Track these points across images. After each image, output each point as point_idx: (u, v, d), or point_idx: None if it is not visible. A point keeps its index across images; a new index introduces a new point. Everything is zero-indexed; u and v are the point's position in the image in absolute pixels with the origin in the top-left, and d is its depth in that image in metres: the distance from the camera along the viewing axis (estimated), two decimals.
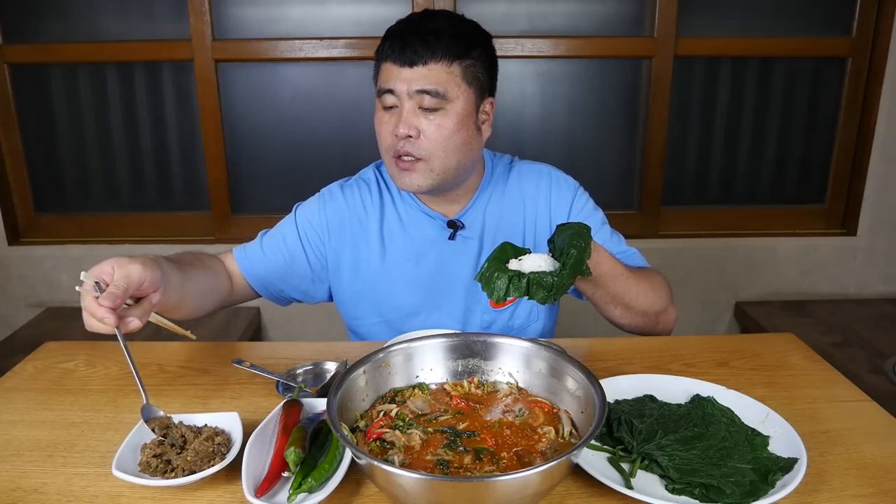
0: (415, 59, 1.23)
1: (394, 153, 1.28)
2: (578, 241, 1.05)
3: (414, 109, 1.25)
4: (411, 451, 0.87)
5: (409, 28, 1.26)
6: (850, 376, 1.21)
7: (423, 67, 1.23)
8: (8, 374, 1.23)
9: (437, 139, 1.26)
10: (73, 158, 2.63)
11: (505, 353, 1.03)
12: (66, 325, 2.46)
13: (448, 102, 1.25)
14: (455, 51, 1.24)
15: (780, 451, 0.94)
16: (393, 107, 1.27)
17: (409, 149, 1.26)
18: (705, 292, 2.69)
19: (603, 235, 1.41)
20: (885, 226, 2.63)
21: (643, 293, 1.29)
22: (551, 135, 2.60)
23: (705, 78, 2.57)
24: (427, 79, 1.23)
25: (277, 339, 2.69)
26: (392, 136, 1.27)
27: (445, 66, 1.24)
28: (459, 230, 1.39)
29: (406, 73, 1.23)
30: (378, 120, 1.30)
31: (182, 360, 1.27)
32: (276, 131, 2.59)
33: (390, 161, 1.30)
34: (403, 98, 1.25)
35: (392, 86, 1.25)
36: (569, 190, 1.43)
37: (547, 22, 2.46)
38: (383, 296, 1.41)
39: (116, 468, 0.88)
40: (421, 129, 1.25)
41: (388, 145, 1.29)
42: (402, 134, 1.25)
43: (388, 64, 1.25)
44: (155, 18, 2.48)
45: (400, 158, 1.28)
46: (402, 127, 1.24)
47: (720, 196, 2.71)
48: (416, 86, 1.23)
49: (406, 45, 1.23)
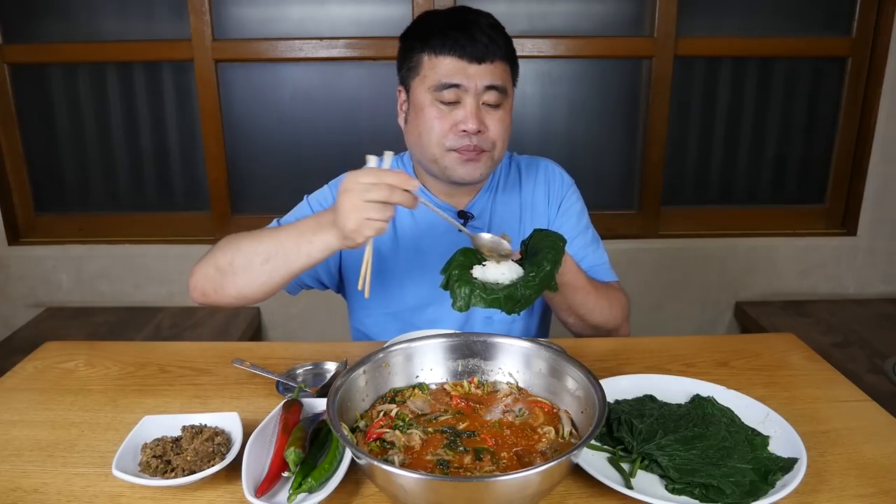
0: (484, 55, 1.23)
1: (457, 146, 1.27)
2: (553, 254, 1.05)
3: (479, 104, 1.26)
4: (411, 451, 0.87)
5: (466, 23, 1.25)
6: (850, 376, 1.21)
7: (491, 64, 1.25)
8: (8, 374, 1.23)
9: (500, 133, 1.29)
10: (73, 158, 2.63)
11: (505, 353, 1.03)
12: (66, 325, 2.46)
13: (506, 98, 1.28)
14: (509, 50, 1.29)
15: (780, 451, 0.94)
16: (451, 102, 1.26)
17: (477, 142, 1.27)
18: (705, 292, 2.69)
19: (584, 239, 1.44)
20: (885, 226, 2.63)
21: (599, 309, 1.34)
22: (551, 135, 2.60)
23: (705, 78, 2.57)
24: (494, 75, 1.25)
25: (277, 339, 2.69)
26: (454, 132, 1.26)
27: (504, 64, 1.28)
28: (470, 220, 1.40)
29: (475, 68, 1.24)
30: (434, 115, 1.27)
31: (182, 360, 1.27)
32: (276, 131, 2.59)
33: (444, 154, 1.29)
34: (470, 93, 1.25)
35: (459, 81, 1.24)
36: (563, 186, 1.46)
37: (547, 22, 2.46)
38: (392, 286, 1.41)
39: (116, 468, 0.88)
40: (486, 123, 1.27)
41: (446, 140, 1.27)
42: (472, 129, 1.25)
43: (450, 58, 1.24)
44: (155, 18, 2.48)
45: (461, 150, 1.27)
46: (473, 122, 1.24)
47: (720, 196, 2.71)
48: (485, 81, 1.24)
49: (475, 40, 1.23)
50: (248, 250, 1.17)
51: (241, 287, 1.19)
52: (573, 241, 1.43)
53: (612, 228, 2.64)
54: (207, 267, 1.22)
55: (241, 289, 1.20)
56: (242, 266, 1.18)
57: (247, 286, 1.19)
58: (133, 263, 2.62)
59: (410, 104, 1.32)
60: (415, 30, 1.31)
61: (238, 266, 1.18)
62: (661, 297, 2.67)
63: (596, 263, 1.44)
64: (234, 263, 1.18)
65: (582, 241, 1.44)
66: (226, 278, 1.20)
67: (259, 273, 1.16)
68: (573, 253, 1.42)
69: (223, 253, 1.20)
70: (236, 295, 1.21)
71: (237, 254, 1.18)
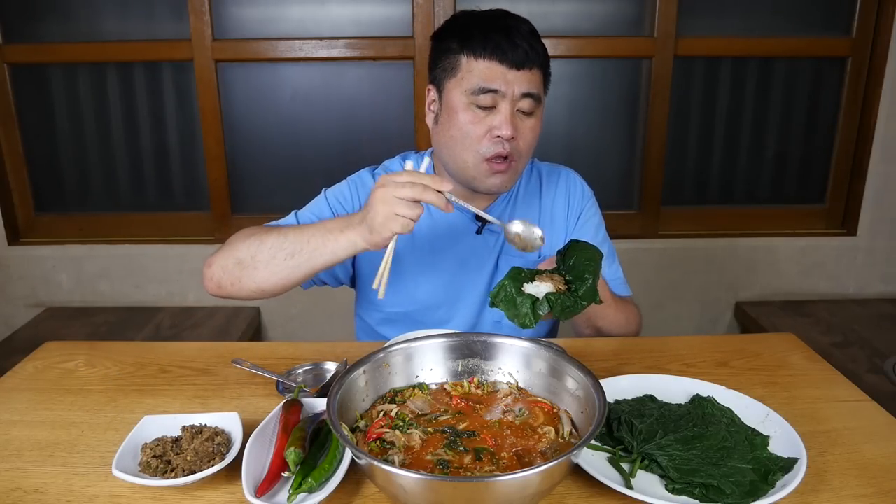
0: (524, 62, 1.22)
1: (492, 154, 1.25)
2: (594, 265, 1.06)
3: (514, 111, 1.24)
4: (411, 451, 0.87)
5: (508, 28, 1.23)
6: (850, 376, 1.21)
7: (529, 72, 1.23)
8: (8, 374, 1.23)
9: (530, 141, 1.28)
10: (73, 158, 2.63)
11: (505, 353, 1.03)
12: (66, 325, 2.46)
13: (539, 107, 1.27)
14: (546, 58, 1.28)
15: (780, 451, 0.94)
16: (488, 107, 1.24)
17: (510, 149, 1.25)
18: (705, 292, 2.69)
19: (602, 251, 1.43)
20: (885, 226, 2.63)
21: (617, 323, 1.36)
22: (551, 135, 2.60)
23: (705, 78, 2.57)
24: (532, 83, 1.24)
25: (277, 339, 2.69)
26: (489, 137, 1.24)
27: (541, 73, 1.27)
28: (487, 225, 1.39)
29: (513, 74, 1.22)
30: (470, 119, 1.24)
31: (182, 360, 1.27)
32: (276, 131, 2.59)
33: (479, 162, 1.26)
34: (507, 99, 1.23)
35: (497, 86, 1.22)
36: (583, 198, 1.46)
37: (547, 22, 2.46)
38: (407, 285, 1.40)
39: (116, 468, 0.88)
40: (520, 131, 1.26)
41: (481, 145, 1.25)
42: (507, 135, 1.23)
43: (490, 62, 1.22)
44: (155, 18, 2.48)
45: (492, 161, 1.25)
46: (508, 129, 1.22)
47: (720, 196, 2.71)
48: (522, 88, 1.23)
49: (516, 45, 1.21)
50: (272, 245, 1.18)
51: (261, 281, 1.20)
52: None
53: (612, 228, 2.59)
54: (227, 259, 1.22)
55: (260, 283, 1.20)
56: (265, 261, 1.18)
57: (267, 280, 1.20)
58: (133, 263, 2.62)
59: (443, 105, 1.29)
60: (453, 30, 1.27)
61: (260, 260, 1.19)
62: (661, 297, 2.67)
63: (612, 278, 1.45)
64: (257, 258, 1.19)
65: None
66: (246, 272, 1.20)
67: (282, 268, 1.17)
68: None
69: (246, 246, 1.21)
70: (254, 289, 1.21)
71: (261, 248, 1.19)
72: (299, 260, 1.16)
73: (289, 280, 1.19)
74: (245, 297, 1.24)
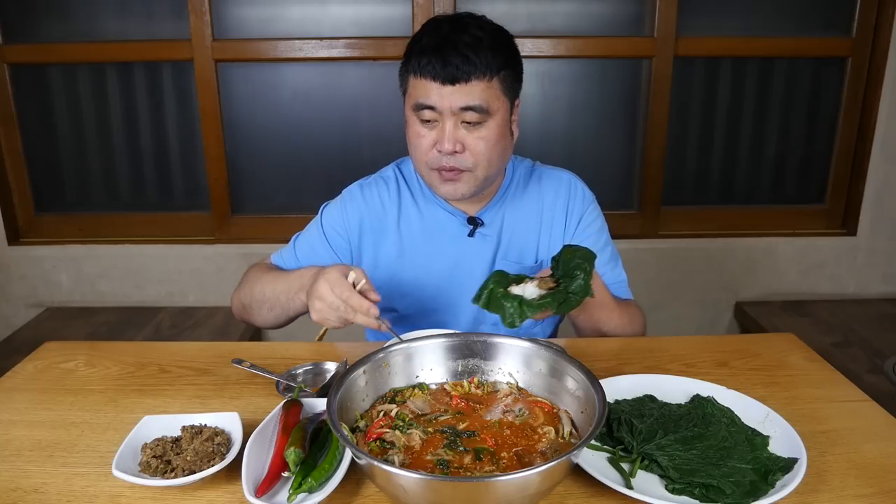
0: (457, 76, 1.20)
1: (437, 166, 1.27)
2: (586, 264, 1.08)
3: (456, 124, 1.24)
4: (411, 451, 0.87)
5: (443, 42, 1.21)
6: (850, 376, 1.21)
7: (465, 85, 1.21)
8: (8, 374, 1.23)
9: (482, 152, 1.26)
10: (73, 158, 2.63)
11: (505, 353, 1.03)
12: (66, 325, 2.46)
13: (490, 116, 1.25)
14: (493, 65, 1.22)
15: (780, 451, 0.94)
16: (431, 121, 1.25)
17: (453, 163, 1.26)
18: (705, 292, 2.69)
19: (604, 256, 1.43)
20: (885, 226, 2.63)
21: (621, 327, 1.37)
22: (551, 135, 2.60)
23: (705, 78, 2.57)
24: (470, 96, 1.22)
25: (277, 339, 2.69)
26: (433, 151, 1.27)
27: (486, 81, 1.22)
28: (479, 227, 1.40)
29: (447, 90, 1.21)
30: (415, 133, 1.28)
31: (182, 360, 1.27)
32: (276, 131, 2.59)
33: (429, 172, 1.31)
34: (445, 114, 1.23)
35: (433, 103, 1.23)
36: (584, 202, 1.46)
37: (547, 22, 2.46)
38: (400, 292, 1.42)
39: (116, 468, 0.88)
40: (465, 144, 1.25)
41: (427, 158, 1.28)
42: (447, 150, 1.24)
43: (424, 80, 1.22)
44: (155, 18, 2.48)
45: (441, 170, 1.28)
46: (447, 143, 1.24)
47: (720, 196, 2.71)
48: (459, 103, 1.22)
49: (446, 62, 1.20)
50: (258, 297, 1.37)
51: (262, 322, 1.41)
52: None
53: (613, 229, 2.60)
54: (237, 301, 1.44)
55: (264, 323, 1.42)
56: (256, 309, 1.39)
57: (266, 322, 1.41)
58: (133, 263, 2.62)
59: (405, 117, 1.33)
60: (409, 45, 1.29)
61: (253, 308, 1.39)
62: (661, 297, 2.67)
63: (615, 281, 1.45)
64: (251, 306, 1.39)
65: (601, 259, 1.43)
66: (250, 314, 1.42)
67: (269, 316, 1.38)
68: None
69: (246, 292, 1.40)
70: (263, 325, 1.43)
71: (252, 298, 1.38)
72: (277, 312, 1.35)
73: (280, 321, 1.39)
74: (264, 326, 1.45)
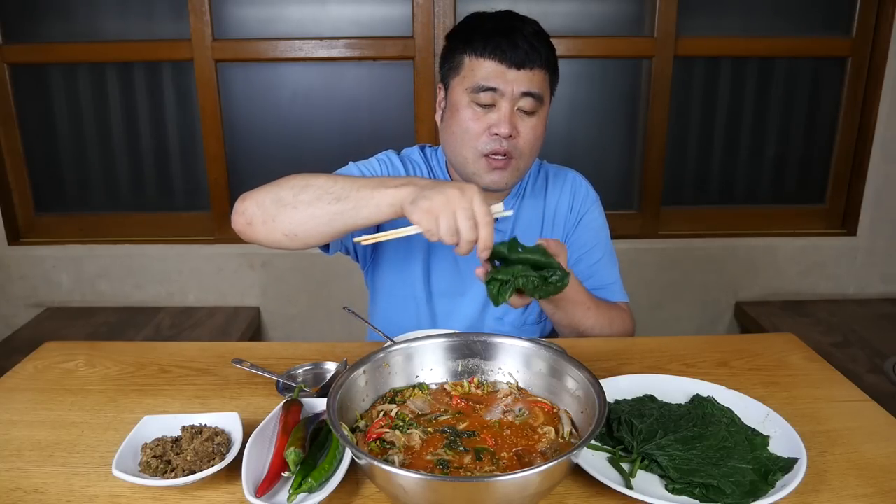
0: (524, 62, 1.24)
1: (489, 151, 1.28)
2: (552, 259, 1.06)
3: (514, 109, 1.27)
4: (411, 451, 0.87)
5: (511, 29, 1.26)
6: (850, 376, 1.21)
7: (530, 71, 1.25)
8: (8, 374, 1.23)
9: (531, 140, 1.30)
10: (73, 158, 2.63)
11: (505, 353, 1.03)
12: (66, 325, 2.46)
13: (541, 106, 1.29)
14: (549, 59, 1.30)
15: (780, 451, 0.94)
16: (486, 105, 1.27)
17: (508, 147, 1.27)
18: (705, 292, 2.69)
19: (597, 255, 1.46)
20: (885, 226, 2.63)
21: (599, 327, 1.37)
22: (551, 135, 2.57)
23: (705, 78, 2.57)
24: (532, 83, 1.26)
25: (277, 339, 2.69)
26: (484, 135, 1.27)
27: (544, 73, 1.28)
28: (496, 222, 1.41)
29: (513, 74, 1.24)
30: (470, 116, 1.28)
31: (182, 360, 1.27)
32: (276, 131, 2.59)
33: (477, 159, 1.29)
34: (507, 98, 1.26)
35: (496, 85, 1.25)
36: (587, 201, 1.48)
37: (547, 22, 2.42)
38: (419, 269, 1.43)
39: (116, 468, 0.88)
40: (519, 130, 1.28)
41: (479, 142, 1.28)
42: (504, 133, 1.26)
43: (490, 62, 1.25)
44: (155, 18, 2.48)
45: (491, 157, 1.28)
46: (505, 127, 1.25)
47: (720, 196, 2.71)
48: (522, 87, 1.25)
49: (516, 45, 1.24)
50: (321, 185, 1.11)
51: (297, 224, 1.13)
52: (586, 254, 1.46)
53: (613, 228, 2.61)
54: (266, 195, 1.16)
55: (295, 226, 1.13)
56: (308, 201, 1.11)
57: (302, 224, 1.12)
58: (133, 263, 2.62)
59: (448, 102, 1.33)
60: (461, 30, 1.32)
61: (303, 200, 1.11)
62: (661, 297, 2.67)
63: (607, 282, 1.46)
64: (300, 197, 1.12)
65: (595, 257, 1.46)
66: (283, 210, 1.13)
67: (324, 212, 1.10)
68: (584, 267, 1.45)
69: (290, 185, 1.14)
70: (286, 231, 1.14)
71: (307, 188, 1.12)
72: (344, 206, 1.09)
73: (325, 228, 1.12)
74: (271, 241, 1.16)
